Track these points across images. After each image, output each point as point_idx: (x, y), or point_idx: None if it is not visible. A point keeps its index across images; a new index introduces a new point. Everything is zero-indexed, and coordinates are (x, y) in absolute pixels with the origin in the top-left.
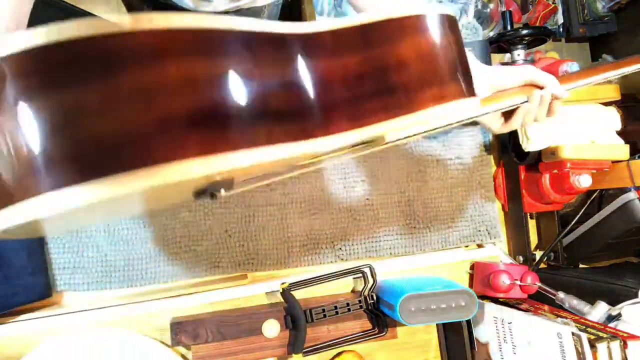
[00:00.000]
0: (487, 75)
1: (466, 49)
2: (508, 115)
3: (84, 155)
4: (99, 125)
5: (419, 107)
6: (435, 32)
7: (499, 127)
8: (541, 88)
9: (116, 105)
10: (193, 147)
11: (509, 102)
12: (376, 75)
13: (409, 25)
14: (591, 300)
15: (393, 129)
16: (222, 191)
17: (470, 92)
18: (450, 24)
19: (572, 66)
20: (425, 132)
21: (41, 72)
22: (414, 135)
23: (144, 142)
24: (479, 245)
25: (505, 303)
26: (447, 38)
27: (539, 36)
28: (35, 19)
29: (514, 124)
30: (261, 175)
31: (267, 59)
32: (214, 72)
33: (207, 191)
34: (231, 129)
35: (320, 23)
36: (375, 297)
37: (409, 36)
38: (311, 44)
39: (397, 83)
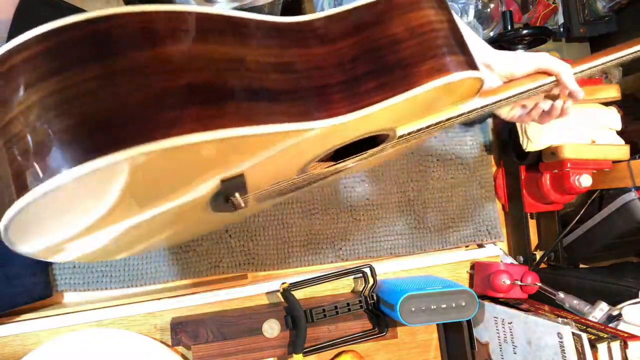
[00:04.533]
0: (496, 60)
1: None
2: (523, 108)
3: (85, 135)
4: (98, 105)
5: (417, 83)
6: (423, 9)
7: (508, 115)
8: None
9: (114, 84)
10: (191, 121)
11: (520, 89)
12: (369, 56)
13: (396, 5)
14: (591, 300)
15: (392, 108)
16: (237, 195)
17: (470, 65)
18: (438, 2)
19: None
20: (437, 124)
21: (43, 58)
22: (427, 128)
23: (144, 118)
24: (479, 245)
25: (506, 303)
26: (437, 14)
27: (539, 36)
28: (35, 19)
29: (526, 119)
30: (276, 181)
31: (261, 44)
32: (208, 53)
33: (222, 194)
34: (227, 106)
35: (313, 14)
36: (375, 297)
37: (396, 15)
38: (305, 32)
39: (392, 61)
